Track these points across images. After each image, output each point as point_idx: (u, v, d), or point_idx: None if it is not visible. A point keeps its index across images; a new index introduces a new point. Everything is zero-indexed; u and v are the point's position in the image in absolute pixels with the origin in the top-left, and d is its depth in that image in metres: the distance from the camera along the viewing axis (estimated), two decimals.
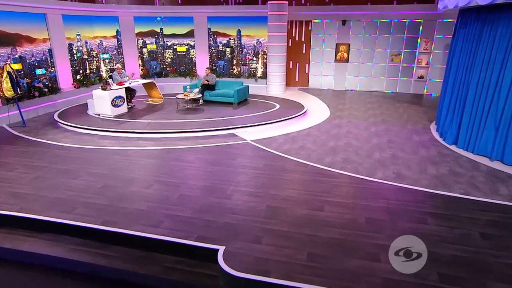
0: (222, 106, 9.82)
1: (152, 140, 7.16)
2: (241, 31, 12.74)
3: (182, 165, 5.79)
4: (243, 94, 10.29)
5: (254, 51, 12.89)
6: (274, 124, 8.05)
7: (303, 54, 13.25)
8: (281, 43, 11.86)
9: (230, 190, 4.90)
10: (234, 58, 13.12)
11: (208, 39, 12.95)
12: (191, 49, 13.21)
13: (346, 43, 12.69)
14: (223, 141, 6.97)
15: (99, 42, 11.93)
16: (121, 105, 8.95)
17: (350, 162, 5.93)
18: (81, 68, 11.34)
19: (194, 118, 8.51)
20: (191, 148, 6.65)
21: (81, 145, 6.89)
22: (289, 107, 9.64)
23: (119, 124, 8.04)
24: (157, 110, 9.52)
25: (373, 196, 4.74)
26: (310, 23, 12.89)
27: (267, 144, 6.87)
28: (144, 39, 12.90)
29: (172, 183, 5.10)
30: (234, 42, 12.90)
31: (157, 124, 8.03)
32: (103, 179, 5.30)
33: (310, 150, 6.52)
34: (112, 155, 6.33)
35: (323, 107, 10.09)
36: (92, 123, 8.19)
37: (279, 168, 5.70)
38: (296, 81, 13.71)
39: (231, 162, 5.95)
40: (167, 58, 13.27)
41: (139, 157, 6.18)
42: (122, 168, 5.69)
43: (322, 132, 7.71)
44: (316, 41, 13.01)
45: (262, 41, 12.68)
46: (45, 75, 9.95)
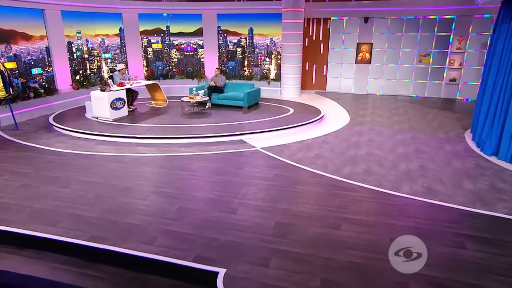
0: (230, 110, 9.83)
1: (152, 146, 7.17)
2: (253, 30, 12.75)
3: (183, 174, 5.74)
4: (253, 98, 10.24)
5: (267, 51, 12.89)
6: (287, 130, 8.01)
7: (320, 54, 13.22)
8: (297, 43, 11.81)
9: (235, 203, 4.78)
10: (245, 58, 13.14)
11: (218, 38, 12.99)
12: (199, 49, 13.24)
13: (369, 42, 12.57)
14: (230, 148, 6.96)
15: (100, 41, 12.03)
16: (121, 108, 8.92)
17: (372, 173, 5.76)
18: (81, 68, 11.43)
19: (199, 122, 8.54)
20: (195, 155, 6.63)
21: (75, 151, 6.89)
22: (304, 112, 9.62)
23: (118, 128, 8.05)
24: (160, 114, 9.57)
25: (399, 214, 4.52)
26: (328, 20, 12.84)
27: (279, 152, 6.78)
28: (149, 37, 12.99)
29: (171, 194, 5.02)
30: (246, 41, 12.93)
31: (159, 129, 8.03)
32: (96, 189, 5.24)
33: (326, 160, 6.39)
34: (108, 162, 6.32)
35: (342, 112, 10.07)
36: (88, 127, 8.20)
37: (291, 179, 5.58)
38: (312, 84, 13.67)
39: (237, 172, 5.86)
40: (173, 58, 13.33)
41: (137, 165, 6.16)
42: (117, 177, 5.65)
43: (340, 139, 7.60)
44: (335, 41, 12.94)
45: (276, 40, 12.67)
46: (42, 75, 10.04)
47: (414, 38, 12.19)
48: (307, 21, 12.97)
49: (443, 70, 12.18)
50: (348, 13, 12.47)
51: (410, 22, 12.09)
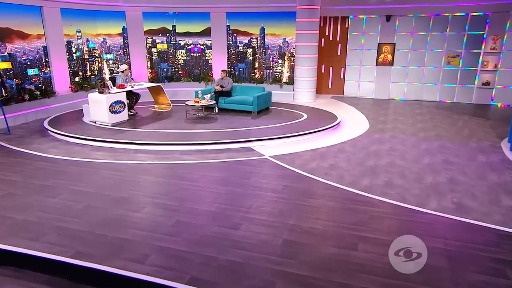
0: (239, 115, 9.84)
1: (152, 153, 7.16)
2: (264, 29, 12.76)
3: (183, 184, 5.68)
4: (264, 102, 10.21)
5: (279, 52, 12.88)
6: (300, 138, 7.96)
7: (338, 56, 13.15)
8: (312, 43, 11.75)
9: (238, 217, 4.63)
10: (256, 60, 13.15)
11: (227, 39, 13.04)
12: (207, 50, 13.29)
13: (391, 42, 12.44)
14: (236, 156, 6.92)
15: (102, 41, 12.15)
16: (121, 111, 8.91)
17: (394, 186, 5.57)
18: (81, 69, 11.51)
19: (204, 128, 8.56)
20: (197, 163, 6.57)
21: (68, 157, 6.89)
22: (319, 117, 9.58)
23: (116, 134, 8.03)
24: (163, 118, 9.60)
25: (425, 233, 4.27)
26: (347, 19, 12.77)
27: (289, 161, 6.69)
28: (153, 37, 13.06)
29: (169, 206, 4.93)
30: (257, 41, 12.96)
31: (160, 135, 8.00)
32: (86, 199, 5.16)
33: (342, 170, 6.25)
34: (103, 169, 6.30)
35: (360, 118, 10.01)
36: (84, 131, 8.18)
37: (302, 192, 5.43)
38: (328, 88, 13.62)
39: (243, 182, 5.77)
40: (179, 59, 13.36)
41: (134, 173, 6.12)
42: (111, 186, 5.60)
43: (358, 148, 7.47)
44: (354, 41, 12.86)
45: (289, 41, 12.65)
46: (38, 76, 10.12)
47: (442, 37, 11.99)
48: (323, 20, 12.92)
49: (475, 72, 11.94)
50: (368, 11, 12.35)
51: (438, 20, 11.90)
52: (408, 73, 12.57)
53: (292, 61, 12.60)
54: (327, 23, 12.97)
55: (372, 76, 12.91)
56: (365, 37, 12.69)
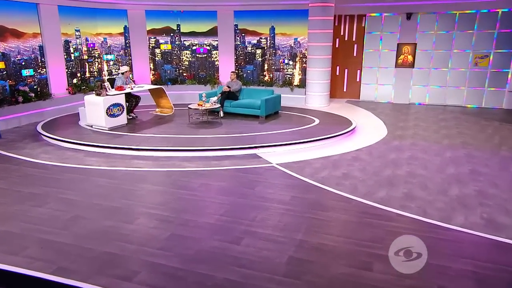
0: (245, 120, 9.83)
1: (150, 159, 7.12)
2: (275, 29, 12.75)
3: (182, 193, 5.59)
4: (272, 106, 10.16)
5: (290, 53, 12.82)
6: (310, 144, 7.88)
7: (353, 57, 13.09)
8: (326, 43, 11.67)
9: (240, 230, 4.49)
10: (265, 61, 13.12)
11: (235, 39, 13.03)
12: (213, 51, 13.29)
13: (412, 42, 12.32)
14: (240, 164, 6.87)
15: (102, 40, 12.21)
16: (119, 115, 8.87)
17: (415, 199, 5.40)
18: (79, 71, 11.55)
19: (208, 133, 8.54)
20: (198, 171, 6.52)
21: (60, 163, 6.86)
22: (332, 122, 9.54)
23: (113, 139, 7.99)
24: (164, 123, 9.61)
25: (450, 253, 4.05)
26: (364, 17, 12.68)
27: (299, 169, 6.58)
28: (157, 37, 13.08)
29: (164, 217, 4.83)
30: (266, 42, 12.94)
31: (160, 140, 7.97)
32: (75, 208, 5.08)
33: (357, 180, 6.11)
34: (96, 177, 6.25)
35: (378, 124, 9.94)
36: (79, 136, 8.15)
37: (311, 203, 5.28)
38: (343, 92, 13.55)
39: (247, 192, 5.66)
40: (184, 61, 13.39)
41: (129, 181, 6.07)
42: (103, 195, 5.54)
43: (375, 156, 7.35)
44: (372, 41, 12.76)
45: (301, 41, 12.59)
46: (34, 77, 10.14)
47: (469, 36, 11.80)
48: (338, 19, 12.83)
49: (506, 75, 11.67)
50: (387, 8, 12.23)
51: (464, 18, 11.70)
52: (431, 76, 12.40)
53: (304, 63, 12.53)
54: (342, 22, 12.87)
55: (391, 78, 12.79)
56: (383, 36, 12.56)
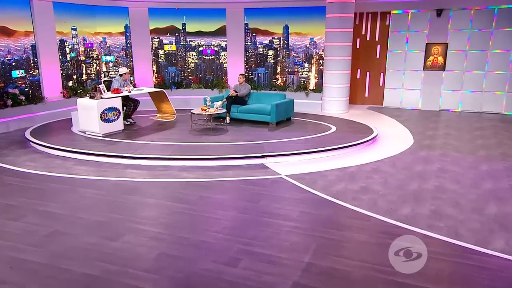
0: (254, 127, 9.79)
1: (145, 168, 7.07)
2: (288, 28, 12.76)
3: (177, 207, 5.46)
4: (284, 111, 10.09)
5: (306, 54, 12.79)
6: (325, 154, 7.78)
7: (376, 59, 13.04)
8: (345, 43, 11.58)
9: (238, 250, 4.30)
10: (278, 64, 13.08)
11: (245, 39, 13.07)
12: (221, 52, 13.30)
13: (442, 42, 12.20)
14: (245, 175, 6.77)
15: (101, 40, 12.32)
16: (115, 120, 8.82)
17: (444, 218, 5.16)
18: (75, 73, 11.59)
19: (211, 140, 8.51)
20: (198, 182, 6.44)
21: (45, 172, 6.83)
22: (351, 130, 9.49)
23: (106, 146, 7.95)
24: (164, 129, 9.62)
25: (490, 282, 3.77)
26: (388, 15, 12.59)
27: (310, 181, 6.42)
28: (160, 37, 13.14)
29: (154, 234, 4.67)
30: (279, 42, 12.95)
31: (157, 147, 7.93)
32: (55, 223, 4.94)
33: (377, 195, 5.92)
34: (83, 187, 6.18)
35: (403, 132, 9.86)
36: (70, 143, 8.12)
37: (323, 220, 5.09)
38: (365, 97, 13.50)
39: (250, 206, 5.51)
40: (189, 63, 13.42)
41: (120, 192, 5.99)
42: (88, 207, 5.44)
43: (398, 167, 7.20)
44: (397, 41, 12.69)
45: (318, 41, 12.54)
46: (25, 78, 10.18)
47: (509, 35, 11.57)
48: (359, 16, 12.75)
49: None
50: (414, 4, 12.10)
51: (504, 13, 11.48)
52: (464, 79, 12.21)
53: (321, 65, 12.45)
54: (364, 20, 12.78)
55: (419, 83, 12.67)
56: (410, 36, 12.43)
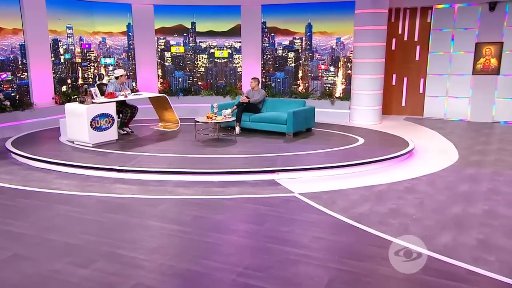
0: (268, 138, 9.79)
1: (136, 183, 7.03)
2: (312, 26, 12.86)
3: (165, 229, 5.30)
4: (303, 121, 10.03)
5: (331, 56, 12.85)
6: (348, 169, 7.66)
7: (415, 62, 12.96)
8: (377, 43, 11.46)
9: (230, 283, 4.05)
10: (299, 68, 13.09)
11: (262, 39, 13.19)
12: (235, 54, 13.40)
13: (496, 41, 11.98)
14: (251, 192, 6.65)
15: (100, 40, 12.48)
16: (108, 128, 8.79)
17: (495, 249, 4.81)
18: (70, 76, 11.72)
19: (216, 152, 8.54)
20: (195, 200, 6.35)
21: (21, 186, 6.80)
22: (382, 143, 9.46)
23: (95, 157, 7.97)
24: (164, 139, 9.75)
25: None
26: (429, 10, 12.46)
27: (328, 201, 6.20)
28: (167, 38, 13.30)
29: (132, 260, 4.46)
30: (301, 43, 12.95)
31: (152, 159, 7.95)
32: (17, 245, 4.78)
33: (409, 219, 5.63)
34: (60, 204, 6.09)
35: (446, 147, 9.71)
36: (53, 153, 8.13)
37: (340, 248, 4.82)
38: (401, 107, 13.41)
39: (252, 229, 5.36)
40: (199, 67, 13.57)
41: (101, 210, 5.90)
42: (61, 227, 5.31)
43: (438, 187, 6.94)
44: (440, 41, 12.53)
45: (346, 41, 12.52)
46: (12, 82, 10.27)
47: None
48: (395, 13, 12.64)
49: None
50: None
51: None
52: None
53: (349, 69, 12.36)
54: (400, 17, 12.63)
55: (467, 90, 12.45)
56: (456, 34, 12.24)
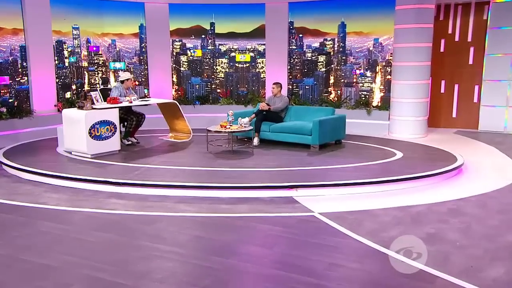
0: (290, 150, 9.65)
1: (134, 198, 6.97)
2: (345, 26, 12.78)
3: (156, 250, 5.15)
4: (331, 131, 9.82)
5: (368, 60, 12.71)
6: (380, 187, 7.39)
7: (468, 66, 12.64)
8: (422, 43, 11.15)
9: None
10: (331, 73, 13.05)
11: (289, 42, 13.14)
12: (258, 59, 13.33)
13: None
14: (264, 210, 6.50)
15: (110, 43, 12.62)
16: (109, 137, 8.75)
17: None
18: (74, 82, 11.83)
19: (228, 165, 8.43)
20: (197, 218, 6.23)
21: (4, 200, 6.81)
22: (424, 158, 9.26)
23: (92, 169, 7.97)
24: (172, 151, 9.73)
25: None
26: (486, 6, 12.12)
27: (354, 223, 5.94)
28: (183, 40, 13.39)
29: (111, 286, 4.33)
30: (333, 45, 12.94)
31: (154, 172, 7.93)
32: None
33: (451, 246, 5.31)
34: (44, 220, 6.03)
35: (503, 164, 9.38)
36: (46, 164, 8.16)
37: (361, 278, 4.57)
38: (451, 118, 13.00)
39: (259, 253, 5.15)
40: (218, 72, 13.60)
41: (90, 228, 5.81)
42: (40, 247, 5.21)
43: (491, 210, 6.64)
44: (498, 40, 12.12)
45: (385, 42, 12.44)
46: (11, 87, 10.38)
47: None
48: (445, 10, 12.33)
49: None
50: None
51: None
52: None
53: (388, 74, 12.12)
54: (451, 13, 12.31)
55: None
56: None
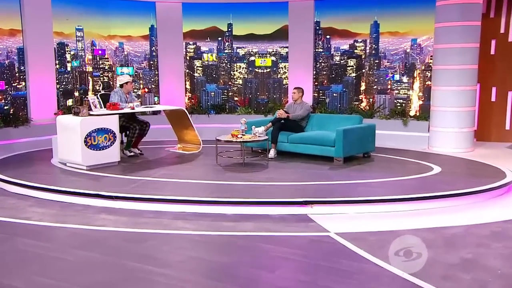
0: (310, 163, 9.53)
1: (127, 214, 6.90)
2: (379, 25, 12.70)
3: (141, 271, 5.01)
4: (358, 142, 9.64)
5: (404, 64, 12.60)
6: (410, 205, 7.21)
7: None
8: (468, 43, 10.87)
9: None
10: (362, 78, 13.06)
11: (315, 44, 13.16)
12: (280, 63, 13.33)
13: None
14: (272, 229, 6.36)
15: (117, 46, 12.71)
16: (107, 146, 8.75)
17: None
18: (78, 88, 11.89)
19: (237, 179, 8.35)
20: (194, 236, 6.14)
21: None
22: (465, 173, 9.18)
23: (85, 181, 7.99)
24: (178, 163, 9.76)
25: None
26: None
27: (375, 245, 5.69)
28: (197, 43, 13.47)
29: None
30: (364, 47, 12.95)
31: (154, 185, 7.89)
32: None
33: (490, 274, 5.02)
34: (22, 236, 6.00)
35: None
36: (36, 176, 8.19)
37: None
38: (504, 130, 12.78)
39: (259, 277, 4.98)
40: (236, 78, 13.61)
41: (71, 246, 5.71)
42: (11, 267, 5.14)
43: None
44: None
45: (423, 44, 12.31)
46: (7, 93, 10.49)
47: None
48: (496, 6, 12.10)
49: None
50: None
51: None
52: None
53: (428, 79, 11.89)
54: (504, 10, 12.03)
55: None
56: None
